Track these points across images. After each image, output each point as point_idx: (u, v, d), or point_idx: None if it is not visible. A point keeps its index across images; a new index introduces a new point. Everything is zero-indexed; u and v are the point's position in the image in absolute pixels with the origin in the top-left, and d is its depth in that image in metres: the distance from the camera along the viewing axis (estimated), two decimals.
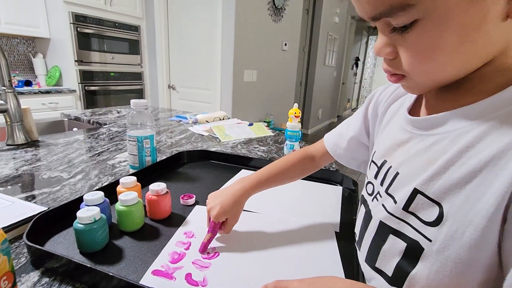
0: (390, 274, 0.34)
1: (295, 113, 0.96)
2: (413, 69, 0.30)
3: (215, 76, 2.75)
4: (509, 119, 0.27)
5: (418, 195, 0.31)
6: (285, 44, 3.36)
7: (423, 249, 0.30)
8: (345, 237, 0.54)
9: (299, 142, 1.04)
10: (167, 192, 0.55)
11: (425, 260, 0.30)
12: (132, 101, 0.72)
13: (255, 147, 1.08)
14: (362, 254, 0.41)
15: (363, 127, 0.51)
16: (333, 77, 5.62)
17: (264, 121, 3.23)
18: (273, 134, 1.29)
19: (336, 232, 0.55)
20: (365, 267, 0.39)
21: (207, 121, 1.43)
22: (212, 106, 2.86)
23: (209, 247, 0.48)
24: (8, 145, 0.95)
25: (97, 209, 0.45)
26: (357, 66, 7.62)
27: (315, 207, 0.65)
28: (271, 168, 0.57)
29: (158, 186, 0.54)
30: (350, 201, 0.68)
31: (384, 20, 0.29)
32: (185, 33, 2.86)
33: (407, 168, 0.35)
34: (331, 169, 0.82)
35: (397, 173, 0.36)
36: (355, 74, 7.80)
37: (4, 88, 0.91)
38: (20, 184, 0.68)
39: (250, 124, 1.36)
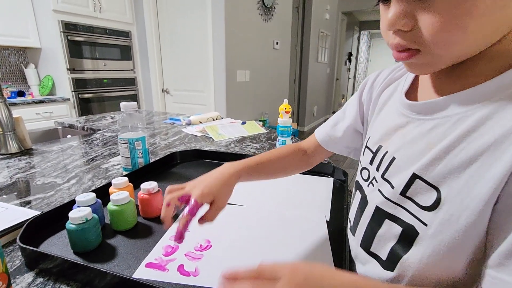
0: (384, 258, 0.35)
1: (285, 108, 0.97)
2: (437, 40, 0.27)
3: (208, 77, 2.76)
4: (509, 103, 0.26)
5: (417, 179, 0.31)
6: (277, 43, 3.37)
7: (418, 233, 0.31)
8: (335, 224, 0.55)
9: (291, 137, 1.05)
10: (158, 190, 0.56)
11: (419, 245, 0.30)
12: (122, 104, 0.73)
13: (248, 145, 1.09)
14: (357, 239, 0.41)
15: (358, 114, 0.49)
16: (326, 73, 5.65)
17: (260, 120, 3.24)
18: (266, 131, 1.30)
19: (327, 220, 0.56)
20: (360, 252, 0.40)
21: (200, 122, 1.44)
22: (207, 108, 2.86)
23: (203, 240, 0.49)
24: (1, 154, 0.96)
25: (89, 209, 0.46)
26: (350, 62, 7.65)
27: (306, 198, 0.66)
28: (262, 155, 0.52)
29: (149, 185, 0.55)
30: (341, 191, 0.69)
31: None
32: (176, 36, 2.87)
33: (405, 153, 0.34)
34: (322, 162, 0.83)
35: (394, 158, 0.36)
36: (349, 69, 7.83)
37: None
38: (14, 191, 0.68)
39: (243, 123, 1.37)
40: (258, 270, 0.28)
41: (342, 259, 0.44)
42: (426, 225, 0.30)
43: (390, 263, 0.34)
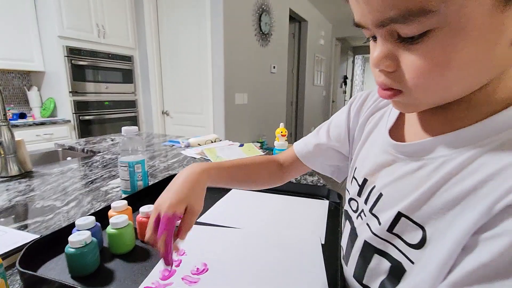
0: None
1: (282, 132, 1.00)
2: (417, 84, 0.27)
3: (207, 100, 2.82)
4: (492, 149, 0.26)
5: (402, 218, 0.32)
6: (274, 67, 3.48)
7: (405, 270, 0.31)
8: (331, 248, 0.55)
9: None
10: None
11: (405, 281, 0.31)
12: (124, 128, 0.75)
13: None
14: (350, 269, 0.42)
15: (346, 136, 0.50)
16: (322, 96, 5.78)
17: (258, 142, 3.28)
18: (263, 153, 1.32)
19: (322, 244, 0.57)
20: (353, 282, 0.40)
21: (199, 144, 1.47)
22: (206, 130, 2.90)
23: (200, 263, 0.49)
24: (1, 177, 0.97)
25: (88, 233, 0.47)
26: (345, 84, 7.85)
27: (301, 220, 0.67)
28: (235, 159, 0.52)
29: (148, 209, 0.56)
30: (336, 214, 0.70)
31: (390, 27, 0.26)
32: (176, 60, 2.97)
33: (392, 191, 0.35)
34: (318, 184, 0.85)
35: (381, 194, 0.36)
36: (345, 92, 8.02)
37: None
38: (13, 215, 0.69)
39: (241, 145, 1.39)
40: None
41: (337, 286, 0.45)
42: (413, 263, 0.30)
43: None
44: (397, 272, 0.32)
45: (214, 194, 0.83)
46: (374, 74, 0.31)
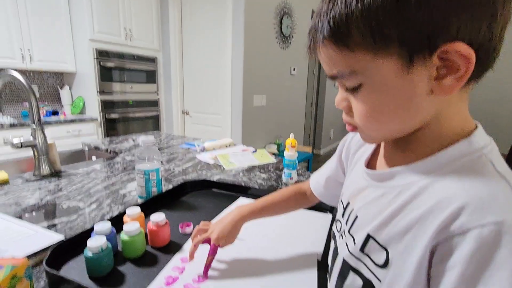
0: None
1: (291, 143, 1.03)
2: (360, 123, 0.35)
3: (225, 101, 2.89)
4: (437, 182, 0.31)
5: (370, 239, 0.35)
6: (294, 69, 3.49)
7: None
8: (326, 265, 0.58)
9: (297, 170, 1.10)
10: (166, 223, 0.63)
11: None
12: (141, 138, 0.82)
13: (256, 175, 1.14)
14: (331, 285, 0.45)
15: (339, 167, 0.56)
16: None
17: (274, 143, 3.30)
18: (275, 161, 1.36)
19: (318, 260, 0.60)
20: None
21: (214, 148, 1.52)
22: (223, 130, 2.97)
23: (202, 272, 0.54)
24: (35, 175, 1.07)
25: (104, 239, 0.53)
26: None
27: (301, 234, 0.70)
28: (266, 199, 0.64)
29: (158, 218, 0.62)
30: None
31: (340, 80, 0.34)
32: (197, 62, 3.05)
33: (364, 214, 0.39)
34: None
35: (357, 216, 0.40)
36: None
37: (34, 126, 1.04)
38: (43, 213, 0.77)
39: (254, 151, 1.43)
40: None
41: None
42: (380, 281, 0.34)
43: None
44: None
45: (224, 201, 0.88)
46: None
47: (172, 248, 0.63)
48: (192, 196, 0.92)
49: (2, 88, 2.60)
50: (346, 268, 0.40)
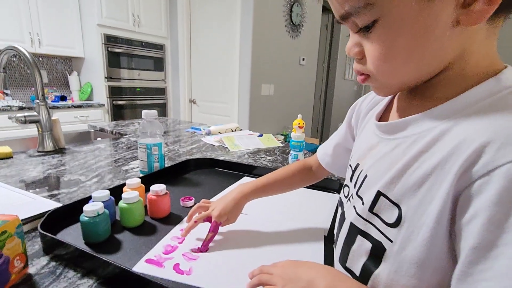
0: (358, 273, 0.36)
1: (299, 123, 0.99)
2: (375, 69, 0.32)
3: (233, 90, 2.85)
4: (456, 125, 0.28)
5: (381, 197, 0.33)
6: (303, 59, 3.42)
7: (385, 249, 0.32)
8: (333, 241, 0.55)
9: (304, 152, 1.06)
10: (166, 193, 0.60)
11: (387, 260, 0.31)
12: (144, 111, 0.79)
13: (261, 157, 1.11)
14: (336, 254, 0.42)
15: (348, 133, 0.53)
16: (353, 90, 5.58)
17: (281, 134, 3.26)
18: (281, 145, 1.32)
19: (325, 236, 0.57)
20: (338, 267, 0.41)
21: (219, 132, 1.50)
22: (230, 120, 2.94)
23: (201, 243, 0.51)
24: (38, 151, 1.06)
25: (101, 204, 0.51)
26: None
27: (309, 212, 0.67)
28: (270, 176, 0.61)
29: (158, 187, 0.59)
30: None
31: (351, 20, 0.31)
32: (205, 50, 3.02)
33: (374, 171, 0.36)
34: (332, 178, 0.83)
35: (366, 176, 0.38)
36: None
37: (38, 101, 1.03)
38: (44, 185, 0.76)
39: (260, 135, 1.40)
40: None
41: None
42: (391, 241, 0.31)
43: (363, 278, 0.35)
44: (377, 251, 0.33)
45: (227, 179, 0.85)
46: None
47: (172, 219, 0.61)
48: (195, 174, 0.90)
49: (8, 67, 2.62)
50: (353, 232, 0.37)
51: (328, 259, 0.49)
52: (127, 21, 2.84)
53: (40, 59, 2.81)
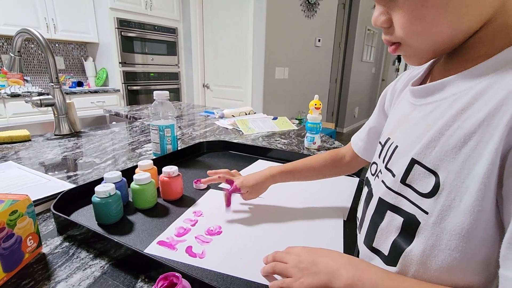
0: (386, 253, 0.33)
1: (316, 104, 0.94)
2: (406, 32, 0.30)
3: (247, 74, 2.79)
4: (503, 78, 0.25)
5: (416, 165, 0.30)
6: (319, 40, 3.29)
7: (419, 223, 0.29)
8: (352, 226, 0.52)
9: (320, 135, 1.02)
10: (178, 174, 0.59)
11: (421, 235, 0.29)
12: (155, 92, 0.77)
13: (276, 140, 1.08)
14: (361, 236, 0.40)
15: (383, 116, 0.50)
16: (371, 73, 5.36)
17: (296, 119, 3.20)
18: (297, 128, 1.28)
19: (344, 220, 0.54)
20: (363, 249, 0.38)
21: (233, 115, 1.47)
22: (244, 104, 2.90)
23: (215, 225, 0.50)
24: (55, 135, 1.07)
25: (112, 185, 0.49)
26: (399, 61, 7.17)
27: (328, 196, 0.64)
28: (300, 161, 0.59)
29: (170, 169, 0.58)
30: None
31: None
32: (218, 33, 2.95)
33: (406, 139, 0.34)
34: None
35: (396, 146, 0.35)
36: (397, 69, 7.34)
37: (52, 84, 1.03)
38: (59, 167, 0.76)
39: (275, 118, 1.36)
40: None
41: None
42: (427, 213, 0.28)
43: (392, 257, 0.32)
44: (410, 226, 0.30)
45: (241, 162, 0.83)
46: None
47: (185, 202, 0.59)
48: (208, 157, 0.88)
49: (26, 53, 2.67)
50: (383, 208, 0.34)
51: (348, 244, 0.46)
52: (139, 3, 2.80)
53: (57, 45, 2.84)
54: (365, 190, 0.42)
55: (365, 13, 4.25)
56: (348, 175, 0.74)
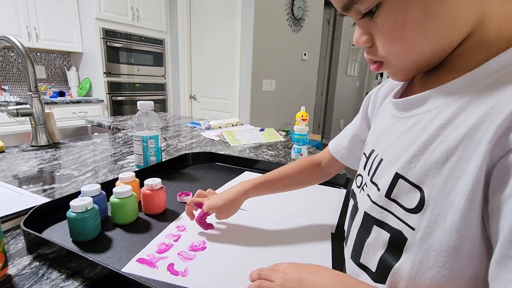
0: (374, 269, 0.32)
1: (302, 116, 0.95)
2: (388, 52, 0.30)
3: (234, 86, 2.80)
4: (484, 92, 0.25)
5: (400, 179, 0.30)
6: (305, 54, 3.36)
7: (406, 239, 0.28)
8: (341, 238, 0.51)
9: (307, 146, 1.02)
10: (161, 187, 0.56)
11: (409, 251, 0.28)
12: (139, 102, 0.75)
13: (263, 151, 1.07)
14: (348, 251, 0.39)
15: (365, 124, 0.50)
16: (356, 87, 5.51)
17: (283, 130, 3.22)
18: (284, 139, 1.28)
19: (332, 233, 0.53)
20: (350, 264, 0.37)
21: (219, 127, 1.45)
22: (231, 115, 2.90)
23: (199, 240, 0.48)
24: (32, 146, 1.02)
25: (90, 199, 0.47)
26: (382, 76, 7.42)
27: (315, 208, 0.62)
28: (274, 172, 0.57)
29: (152, 181, 0.55)
30: None
31: (354, 8, 0.29)
32: (206, 45, 2.97)
33: (390, 153, 0.33)
34: (340, 173, 0.79)
35: (381, 160, 0.34)
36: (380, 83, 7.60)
37: (30, 93, 0.99)
38: (34, 180, 0.72)
39: (262, 130, 1.36)
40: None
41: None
42: (413, 229, 0.27)
43: (380, 274, 0.31)
44: (397, 241, 0.29)
45: (227, 174, 0.81)
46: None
47: (168, 216, 0.57)
48: (193, 169, 0.86)
49: (6, 62, 2.58)
50: (368, 223, 0.33)
51: (337, 259, 0.45)
52: (126, 14, 2.78)
53: (38, 54, 2.77)
54: (351, 202, 0.42)
55: (349, 30, 4.40)
56: (336, 186, 0.74)
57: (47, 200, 0.56)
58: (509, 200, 0.21)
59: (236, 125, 1.52)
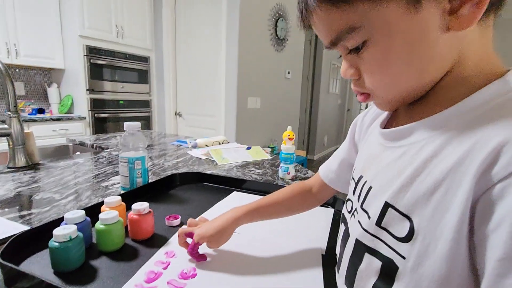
0: None
1: (289, 135, 0.96)
2: (374, 85, 0.32)
3: (219, 103, 2.82)
4: (467, 127, 0.26)
5: (389, 209, 0.30)
6: (288, 73, 3.46)
7: (398, 267, 0.29)
8: (332, 262, 0.51)
9: (294, 165, 1.03)
10: (149, 212, 0.55)
11: (400, 280, 0.28)
12: (126, 123, 0.74)
13: (250, 170, 1.07)
14: (341, 276, 0.39)
15: (352, 148, 0.51)
16: (337, 104, 5.69)
17: (268, 147, 3.24)
18: (271, 157, 1.29)
19: (322, 254, 0.53)
20: None
21: (206, 145, 1.45)
22: (217, 133, 2.90)
23: (189, 267, 0.46)
24: (9, 167, 0.98)
25: (74, 227, 0.45)
26: None
27: (303, 228, 0.63)
28: (265, 198, 0.56)
29: (140, 206, 0.54)
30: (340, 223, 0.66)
31: (341, 44, 0.31)
32: (191, 62, 2.99)
33: (379, 181, 0.34)
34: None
35: (370, 187, 0.35)
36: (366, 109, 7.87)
37: (9, 113, 0.96)
38: (11, 205, 0.68)
39: (248, 148, 1.36)
40: None
41: None
42: (404, 258, 0.28)
43: None
44: (389, 270, 0.29)
45: (216, 194, 0.80)
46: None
47: (156, 241, 0.55)
48: (181, 190, 0.85)
49: None
50: (360, 250, 0.34)
51: (329, 284, 0.45)
52: (110, 32, 2.78)
53: (17, 70, 2.69)
54: (342, 227, 0.42)
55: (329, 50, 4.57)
56: (323, 206, 0.75)
57: (26, 228, 0.54)
58: (493, 234, 0.22)
59: (222, 143, 1.52)
